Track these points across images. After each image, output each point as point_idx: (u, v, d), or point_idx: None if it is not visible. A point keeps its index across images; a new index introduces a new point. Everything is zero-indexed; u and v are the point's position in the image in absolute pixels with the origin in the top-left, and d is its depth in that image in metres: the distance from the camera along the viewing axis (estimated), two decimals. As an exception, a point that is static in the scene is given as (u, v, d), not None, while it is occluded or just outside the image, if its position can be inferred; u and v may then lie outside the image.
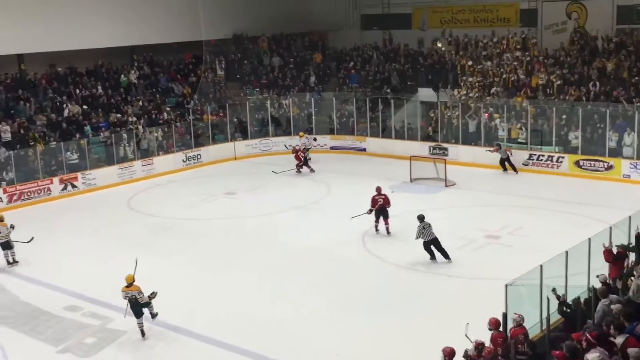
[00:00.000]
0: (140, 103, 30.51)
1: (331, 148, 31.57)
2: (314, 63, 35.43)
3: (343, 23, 38.37)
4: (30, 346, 13.85)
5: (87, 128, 27.59)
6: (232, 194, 25.13)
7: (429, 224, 17.50)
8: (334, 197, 24.14)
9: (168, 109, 30.86)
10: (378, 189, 20.03)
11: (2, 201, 23.74)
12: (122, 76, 31.67)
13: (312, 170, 27.70)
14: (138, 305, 13.99)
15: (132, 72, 32.15)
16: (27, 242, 18.68)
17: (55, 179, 25.33)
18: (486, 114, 28.13)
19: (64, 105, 28.33)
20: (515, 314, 10.80)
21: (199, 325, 14.32)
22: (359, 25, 38.15)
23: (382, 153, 30.06)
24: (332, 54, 36.65)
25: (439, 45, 33.40)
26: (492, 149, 26.81)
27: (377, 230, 19.88)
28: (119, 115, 29.00)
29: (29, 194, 24.52)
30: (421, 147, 28.68)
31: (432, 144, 28.82)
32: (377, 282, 16.39)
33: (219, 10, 33.78)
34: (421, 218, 17.60)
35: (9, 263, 18.44)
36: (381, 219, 19.79)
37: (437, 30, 34.72)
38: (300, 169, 27.67)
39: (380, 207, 19.72)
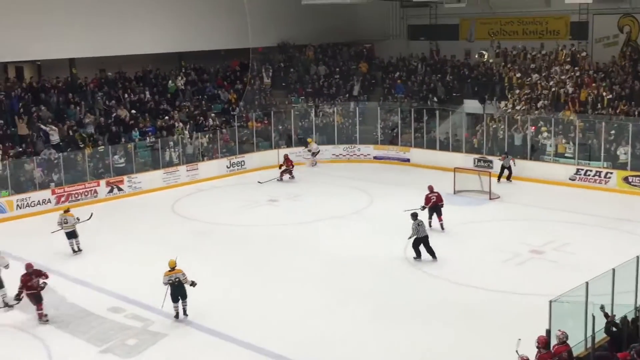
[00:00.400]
0: (187, 109, 30.90)
1: (374, 158, 31.50)
2: (359, 72, 35.44)
3: (390, 33, 38.37)
4: (74, 345, 14.08)
5: (136, 134, 28.07)
6: (274, 201, 25.23)
7: (422, 222, 18.51)
8: (377, 207, 24.04)
9: (213, 115, 31.21)
10: (430, 188, 20.90)
11: (50, 202, 24.24)
12: (170, 82, 32.14)
13: (292, 177, 28.25)
14: (180, 289, 14.81)
15: (180, 78, 32.60)
16: (88, 219, 20.04)
17: (102, 182, 25.77)
18: (533, 127, 27.76)
19: (113, 110, 28.85)
20: (559, 330, 10.61)
21: (238, 330, 14.36)
22: (406, 36, 38.09)
23: (426, 164, 29.87)
24: (378, 63, 36.62)
25: (485, 56, 33.09)
26: (500, 157, 27.20)
27: (430, 225, 20.36)
28: (166, 117, 29.43)
29: (76, 195, 24.99)
30: (465, 159, 28.45)
31: (477, 156, 28.55)
32: (419, 295, 16.24)
33: (266, 19, 34.07)
34: (415, 216, 18.48)
35: (74, 251, 19.76)
36: (434, 216, 20.69)
37: (484, 42, 34.46)
38: (284, 176, 28.14)
39: (434, 205, 20.38)
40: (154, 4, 31.12)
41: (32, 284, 15.10)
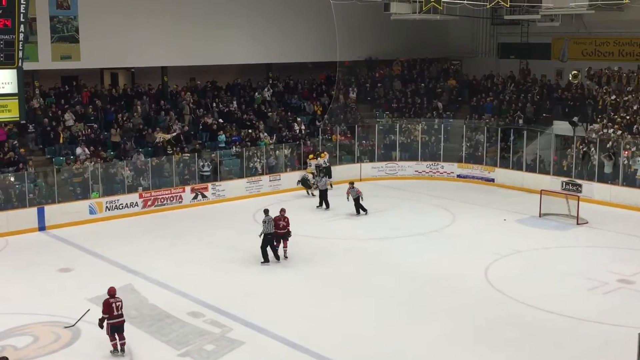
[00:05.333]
0: (272, 120, 31.27)
1: (458, 176, 31.04)
2: (447, 89, 35.05)
3: (479, 50, 37.87)
4: (154, 347, 14.36)
5: (222, 137, 28.64)
6: (355, 215, 25.16)
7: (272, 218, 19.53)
8: (458, 227, 23.63)
9: (297, 127, 31.42)
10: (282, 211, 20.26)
11: (137, 205, 24.92)
12: (257, 93, 32.63)
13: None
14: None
15: (267, 89, 33.05)
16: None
17: (187, 188, 26.32)
18: (625, 152, 26.74)
19: (201, 119, 29.51)
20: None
21: (313, 342, 14.37)
22: (496, 54, 37.51)
23: (511, 185, 29.22)
24: (466, 81, 36.14)
25: (578, 77, 32.14)
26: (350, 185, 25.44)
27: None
28: (250, 131, 29.85)
29: (162, 200, 25.60)
30: (553, 182, 27.63)
31: (565, 179, 27.70)
32: (495, 316, 15.85)
33: (354, 33, 34.13)
34: (266, 211, 19.65)
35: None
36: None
37: (577, 62, 33.51)
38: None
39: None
40: (244, 16, 31.74)
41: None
